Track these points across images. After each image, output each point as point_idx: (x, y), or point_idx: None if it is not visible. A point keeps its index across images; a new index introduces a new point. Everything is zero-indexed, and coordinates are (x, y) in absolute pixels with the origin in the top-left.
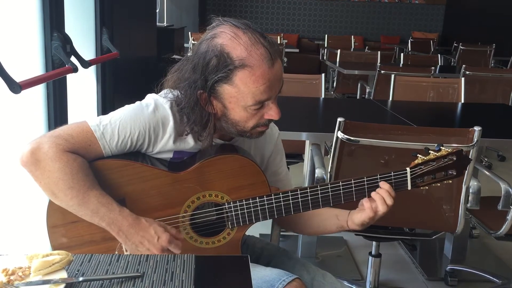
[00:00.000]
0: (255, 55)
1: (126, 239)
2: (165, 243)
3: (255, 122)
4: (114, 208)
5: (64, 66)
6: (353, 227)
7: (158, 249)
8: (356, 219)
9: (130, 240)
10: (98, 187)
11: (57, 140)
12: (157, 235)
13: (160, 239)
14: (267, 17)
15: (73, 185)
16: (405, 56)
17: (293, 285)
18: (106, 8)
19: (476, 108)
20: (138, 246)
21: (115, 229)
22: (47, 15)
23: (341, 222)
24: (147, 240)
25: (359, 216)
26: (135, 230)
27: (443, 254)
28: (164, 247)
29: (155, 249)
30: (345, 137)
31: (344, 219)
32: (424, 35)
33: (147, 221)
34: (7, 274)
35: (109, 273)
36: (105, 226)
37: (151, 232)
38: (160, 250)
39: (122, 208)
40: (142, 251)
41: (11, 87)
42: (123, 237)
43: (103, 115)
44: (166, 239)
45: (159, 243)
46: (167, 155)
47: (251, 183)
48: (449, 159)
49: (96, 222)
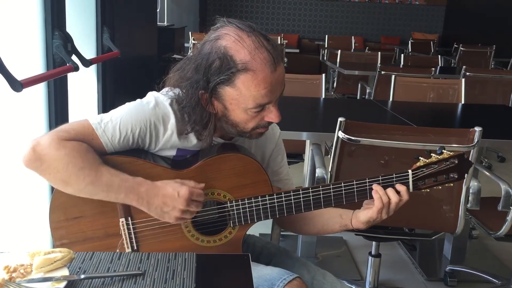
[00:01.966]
0: (258, 59)
1: (148, 204)
2: (186, 195)
3: (255, 124)
4: (127, 177)
5: (65, 65)
6: (357, 225)
7: (183, 203)
8: (362, 216)
9: (153, 204)
10: (107, 164)
11: (58, 133)
12: (177, 190)
13: (181, 193)
14: (268, 17)
15: (84, 165)
16: (405, 57)
17: (293, 284)
18: (107, 7)
19: (476, 109)
20: (163, 208)
21: (135, 197)
22: (48, 14)
23: (345, 221)
24: (169, 198)
25: (365, 213)
26: (154, 192)
27: (442, 254)
28: (188, 198)
29: (180, 204)
30: (346, 137)
31: (348, 218)
32: (424, 36)
33: (163, 182)
34: (9, 271)
35: (110, 271)
36: (123, 198)
37: (169, 190)
38: (185, 203)
39: (135, 177)
40: (168, 211)
41: (13, 85)
42: (144, 203)
43: (104, 113)
44: (186, 191)
45: (181, 196)
46: (170, 153)
47: (253, 182)
48: (450, 162)
49: (113, 197)
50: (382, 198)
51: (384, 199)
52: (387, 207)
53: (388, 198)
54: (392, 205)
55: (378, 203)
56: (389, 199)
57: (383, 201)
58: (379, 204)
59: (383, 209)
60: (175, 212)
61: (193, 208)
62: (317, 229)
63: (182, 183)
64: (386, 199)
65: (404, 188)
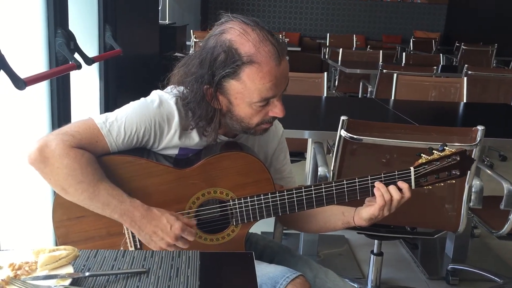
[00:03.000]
0: (263, 52)
1: (139, 229)
2: (178, 230)
3: (259, 119)
4: (124, 199)
5: (68, 63)
6: (359, 223)
7: (172, 237)
8: (364, 213)
9: (144, 231)
10: (107, 180)
11: (63, 137)
12: (170, 224)
13: (173, 227)
14: (269, 15)
15: (83, 179)
16: (407, 56)
17: (297, 282)
18: (109, 5)
19: (478, 107)
20: (152, 236)
21: (128, 220)
22: (51, 12)
23: (347, 218)
24: (160, 229)
25: (367, 210)
26: (147, 220)
27: (444, 253)
28: (178, 234)
29: (169, 238)
30: (348, 136)
31: (351, 215)
32: (426, 34)
33: (159, 211)
34: (14, 269)
35: (115, 269)
36: (117, 218)
37: (163, 221)
38: (174, 238)
39: (133, 199)
40: (156, 241)
41: (16, 83)
42: (136, 228)
43: (109, 112)
44: (179, 226)
45: (172, 231)
46: (173, 152)
47: (256, 180)
48: (452, 159)
49: (108, 214)
50: (384, 195)
51: (386, 197)
52: (389, 204)
53: (390, 195)
54: (394, 202)
55: (380, 200)
56: (391, 197)
57: (385, 198)
58: (381, 201)
59: (385, 207)
60: (162, 243)
61: (180, 244)
62: (319, 227)
63: (177, 218)
64: (388, 197)
65: (406, 186)
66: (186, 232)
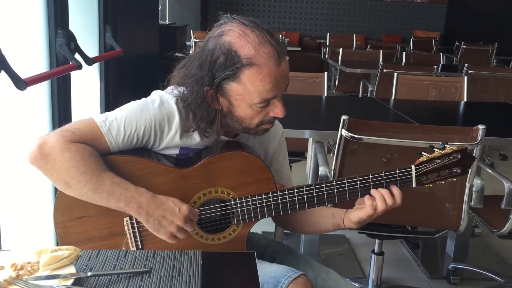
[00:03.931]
0: (263, 54)
1: (147, 215)
2: (186, 212)
3: (260, 119)
4: (129, 186)
5: (68, 63)
6: (349, 225)
7: (181, 219)
8: (353, 217)
9: (152, 216)
10: (110, 171)
11: (64, 133)
12: (177, 206)
13: (181, 209)
14: (269, 15)
15: (86, 170)
16: (407, 55)
17: (298, 281)
18: (109, 6)
19: (479, 107)
20: (162, 221)
21: (134, 207)
22: (51, 12)
23: (337, 220)
24: (169, 213)
25: (356, 214)
26: (155, 205)
27: (445, 252)
28: (186, 216)
29: (179, 220)
30: (349, 135)
31: (341, 218)
32: (426, 34)
33: (163, 197)
34: (16, 269)
35: (117, 268)
36: (123, 207)
37: (170, 204)
38: (183, 220)
39: (138, 187)
40: (166, 225)
41: (17, 83)
42: (143, 214)
43: (109, 112)
44: (186, 208)
45: (181, 212)
46: (173, 151)
47: (257, 179)
48: (453, 157)
49: (114, 204)
50: (373, 205)
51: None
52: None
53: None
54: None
55: (369, 209)
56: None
57: (374, 207)
58: (370, 210)
59: (374, 214)
60: (172, 227)
61: (188, 227)
62: (310, 229)
63: (181, 201)
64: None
65: (399, 192)
66: (192, 214)
